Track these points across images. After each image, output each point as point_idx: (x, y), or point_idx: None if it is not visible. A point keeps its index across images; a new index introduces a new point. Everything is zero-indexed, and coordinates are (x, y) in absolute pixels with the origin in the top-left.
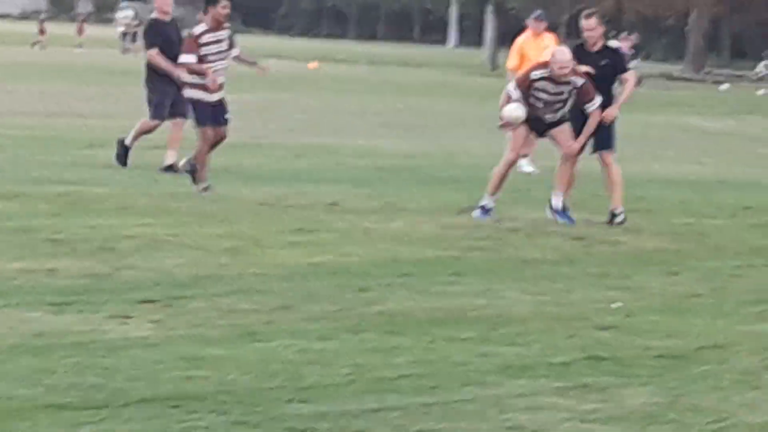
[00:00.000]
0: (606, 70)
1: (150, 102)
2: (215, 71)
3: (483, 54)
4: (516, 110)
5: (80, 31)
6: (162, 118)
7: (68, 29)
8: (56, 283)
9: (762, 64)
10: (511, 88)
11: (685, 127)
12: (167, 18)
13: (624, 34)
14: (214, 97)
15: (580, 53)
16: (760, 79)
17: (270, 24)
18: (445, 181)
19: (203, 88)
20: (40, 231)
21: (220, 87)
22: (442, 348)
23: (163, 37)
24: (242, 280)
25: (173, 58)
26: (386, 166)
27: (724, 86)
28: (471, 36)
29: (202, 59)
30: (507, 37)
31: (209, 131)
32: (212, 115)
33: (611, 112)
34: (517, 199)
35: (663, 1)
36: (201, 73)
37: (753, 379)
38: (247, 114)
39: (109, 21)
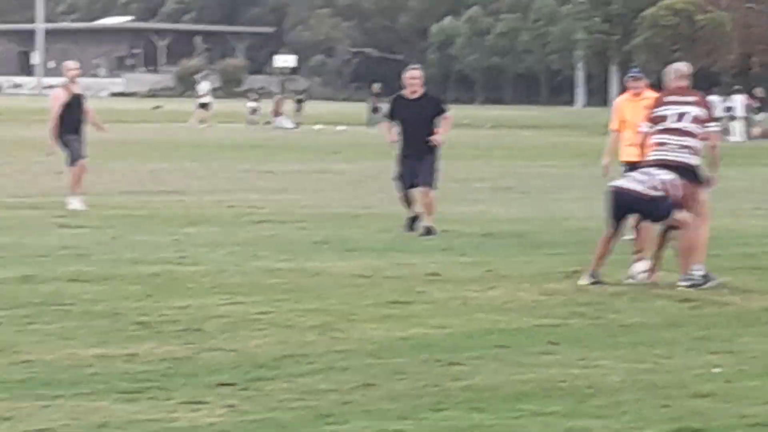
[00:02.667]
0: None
1: None
2: None
3: (608, 113)
4: None
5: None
6: None
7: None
8: (133, 369)
9: None
10: None
11: None
12: None
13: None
14: None
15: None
16: None
17: (393, 92)
18: (547, 246)
19: None
20: (126, 314)
21: None
22: (526, 424)
23: None
24: (326, 357)
25: None
26: (491, 232)
27: None
28: (599, 95)
29: None
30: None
31: None
32: None
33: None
34: (622, 261)
35: None
36: None
37: None
38: (352, 183)
39: (236, 95)
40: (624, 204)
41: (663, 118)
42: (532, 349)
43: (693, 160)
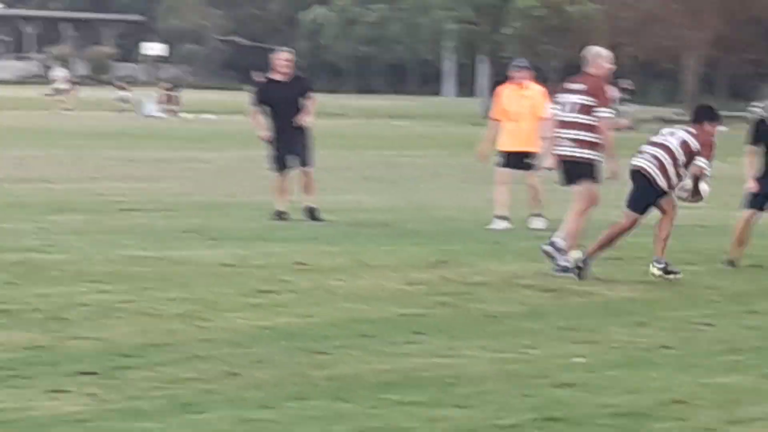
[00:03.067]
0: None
1: None
2: None
3: (476, 103)
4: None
5: (67, 94)
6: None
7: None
8: None
9: (756, 104)
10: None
11: None
12: None
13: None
14: None
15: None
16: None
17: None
18: (413, 236)
19: None
20: None
21: None
22: (389, 414)
23: None
24: (190, 346)
25: None
26: (358, 221)
27: (722, 128)
28: (467, 86)
29: None
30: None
31: None
32: None
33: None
34: (491, 251)
35: (657, 44)
36: None
37: None
38: (217, 173)
39: (104, 83)
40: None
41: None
42: (396, 339)
43: (583, 153)
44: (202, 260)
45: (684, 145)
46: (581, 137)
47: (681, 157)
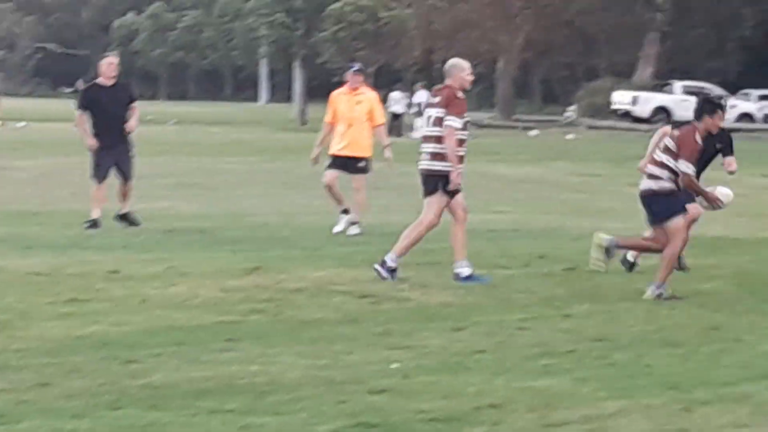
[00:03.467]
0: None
1: None
2: None
3: (293, 109)
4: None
5: None
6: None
7: None
8: None
9: (570, 108)
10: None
11: (489, 175)
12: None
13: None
14: None
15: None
16: (570, 123)
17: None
18: (229, 243)
19: None
20: None
21: None
22: (203, 422)
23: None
24: (2, 356)
25: None
26: (173, 228)
27: (534, 132)
28: (282, 92)
29: None
30: (317, 91)
31: None
32: None
33: None
34: (307, 258)
35: (471, 49)
36: None
37: None
38: (33, 180)
39: None
40: None
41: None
42: (211, 346)
43: (435, 165)
44: (15, 269)
45: (667, 151)
46: (437, 150)
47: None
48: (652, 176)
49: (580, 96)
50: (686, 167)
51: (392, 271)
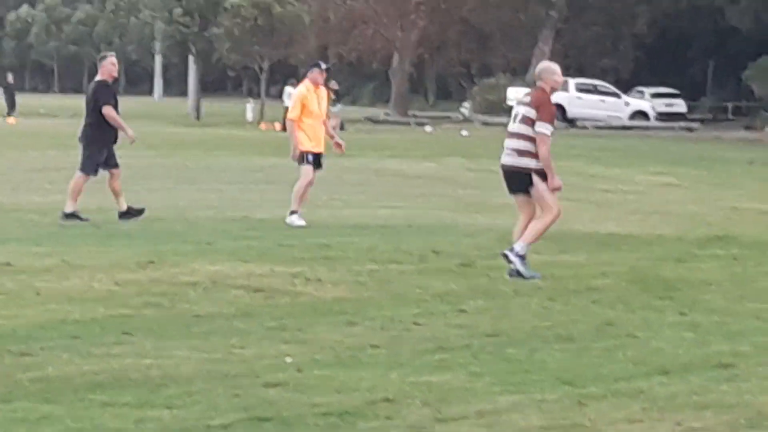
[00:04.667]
0: None
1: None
2: None
3: (188, 104)
4: None
5: None
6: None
7: None
8: None
9: (465, 105)
10: None
11: (383, 171)
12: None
13: (332, 83)
14: None
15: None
16: (464, 120)
17: None
18: (122, 237)
19: None
20: None
21: None
22: (97, 415)
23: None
24: None
25: None
26: (65, 223)
27: (428, 128)
28: (177, 86)
29: None
30: (211, 85)
31: None
32: None
33: None
34: (201, 252)
35: (366, 46)
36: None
37: None
38: None
39: None
40: None
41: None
42: (105, 340)
43: (521, 162)
44: None
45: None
46: (523, 148)
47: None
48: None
49: (474, 93)
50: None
51: (522, 257)
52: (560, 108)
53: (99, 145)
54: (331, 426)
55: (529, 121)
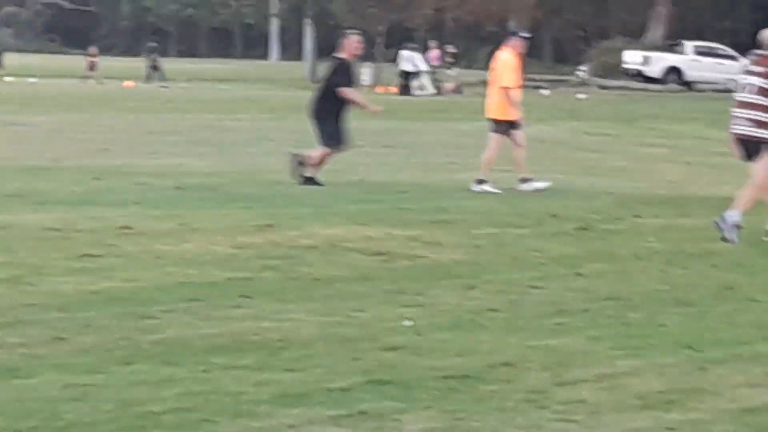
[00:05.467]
0: None
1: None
2: None
3: (304, 67)
4: None
5: None
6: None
7: None
8: None
9: (580, 68)
10: None
11: None
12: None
13: (449, 47)
14: None
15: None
16: (582, 83)
17: (90, 45)
18: (240, 200)
19: None
20: None
21: None
22: (217, 378)
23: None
24: (15, 311)
25: None
26: (185, 185)
27: (545, 91)
28: (294, 49)
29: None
30: (326, 49)
31: None
32: None
33: None
34: (317, 215)
35: (482, 8)
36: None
37: (541, 398)
38: (44, 136)
39: None
40: None
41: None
42: (224, 303)
43: (759, 133)
44: (27, 224)
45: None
46: (759, 118)
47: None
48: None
49: (591, 56)
50: None
51: (737, 226)
52: (677, 71)
53: (333, 118)
54: (450, 389)
55: (765, 92)
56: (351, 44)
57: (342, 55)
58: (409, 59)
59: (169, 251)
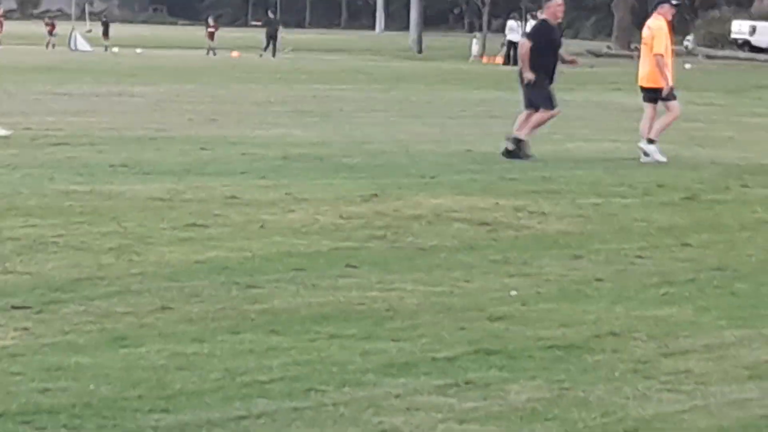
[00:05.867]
0: None
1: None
2: None
3: (410, 38)
4: None
5: None
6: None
7: None
8: None
9: (688, 38)
10: None
11: (605, 105)
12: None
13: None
14: None
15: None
16: (688, 53)
17: (197, 14)
18: (346, 170)
19: None
20: None
21: None
22: (323, 347)
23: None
24: (122, 280)
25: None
26: (290, 155)
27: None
28: (399, 20)
29: None
30: (432, 20)
31: None
32: None
33: None
34: (422, 185)
35: None
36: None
37: (647, 368)
38: (151, 106)
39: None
40: None
41: None
42: (330, 272)
43: None
44: (134, 194)
45: None
46: None
47: None
48: None
49: (698, 25)
50: None
51: None
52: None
53: (541, 78)
54: (557, 359)
55: None
56: (552, 8)
57: (544, 16)
58: (516, 29)
59: (275, 221)
